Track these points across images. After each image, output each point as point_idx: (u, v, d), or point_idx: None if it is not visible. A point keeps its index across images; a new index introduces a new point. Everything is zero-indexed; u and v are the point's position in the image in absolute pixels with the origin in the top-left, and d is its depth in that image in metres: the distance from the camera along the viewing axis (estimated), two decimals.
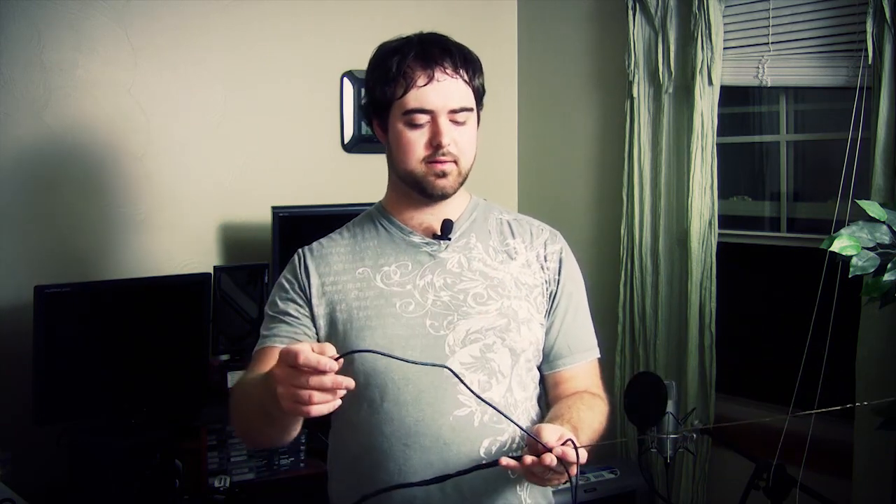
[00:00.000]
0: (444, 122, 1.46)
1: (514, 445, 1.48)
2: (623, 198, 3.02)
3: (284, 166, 3.10)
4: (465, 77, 1.49)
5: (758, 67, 2.72)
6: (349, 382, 1.14)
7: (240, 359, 2.77)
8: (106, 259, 2.78)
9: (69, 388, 2.38)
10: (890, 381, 2.32)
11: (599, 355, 1.64)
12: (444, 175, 1.48)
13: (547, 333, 1.58)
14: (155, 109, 2.85)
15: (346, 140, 3.24)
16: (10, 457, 2.32)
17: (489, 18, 3.55)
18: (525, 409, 1.53)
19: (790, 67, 2.66)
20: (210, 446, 2.63)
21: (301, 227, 2.79)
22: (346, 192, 3.10)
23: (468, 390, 1.43)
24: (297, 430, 1.42)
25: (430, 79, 1.45)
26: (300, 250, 1.60)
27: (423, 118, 1.46)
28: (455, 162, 1.48)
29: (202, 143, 2.95)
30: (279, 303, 1.55)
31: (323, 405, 1.14)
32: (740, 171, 3.07)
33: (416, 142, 1.47)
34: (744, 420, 2.83)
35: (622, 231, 3.04)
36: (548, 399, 1.60)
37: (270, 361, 1.43)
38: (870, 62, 2.37)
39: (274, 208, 2.83)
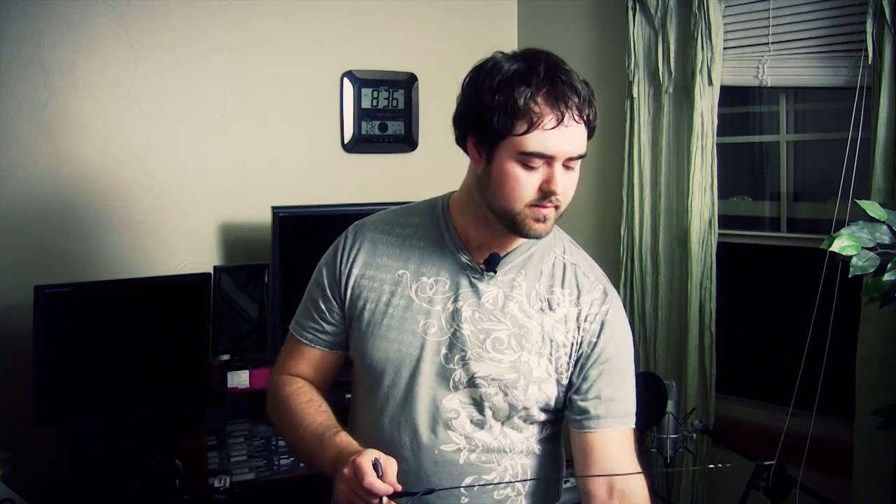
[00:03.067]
0: (559, 168, 1.36)
1: (502, 483, 1.47)
2: (623, 198, 3.02)
3: (284, 166, 3.10)
4: (588, 120, 1.39)
5: (758, 67, 2.72)
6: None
7: (240, 359, 2.77)
8: (106, 259, 2.78)
9: (69, 388, 2.38)
10: (890, 381, 2.32)
11: (634, 425, 1.52)
12: (544, 220, 1.39)
13: (576, 394, 1.49)
14: (155, 109, 2.85)
15: (346, 140, 3.24)
16: (10, 457, 2.32)
17: (489, 18, 3.55)
18: (526, 447, 1.51)
19: (790, 67, 2.66)
20: (210, 446, 2.63)
21: (301, 227, 2.79)
22: (346, 192, 3.10)
23: (459, 427, 1.45)
24: None
25: (559, 122, 1.34)
26: (349, 231, 1.56)
27: (539, 161, 1.36)
28: (557, 207, 1.40)
29: (202, 143, 2.95)
30: (315, 288, 1.56)
31: None
32: (740, 171, 3.07)
33: (527, 184, 1.36)
34: (744, 420, 2.85)
35: (622, 231, 3.04)
36: (576, 462, 1.50)
37: (302, 360, 1.57)
38: (870, 62, 2.37)
39: (274, 208, 2.83)
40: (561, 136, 1.34)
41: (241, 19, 3.00)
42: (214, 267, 2.79)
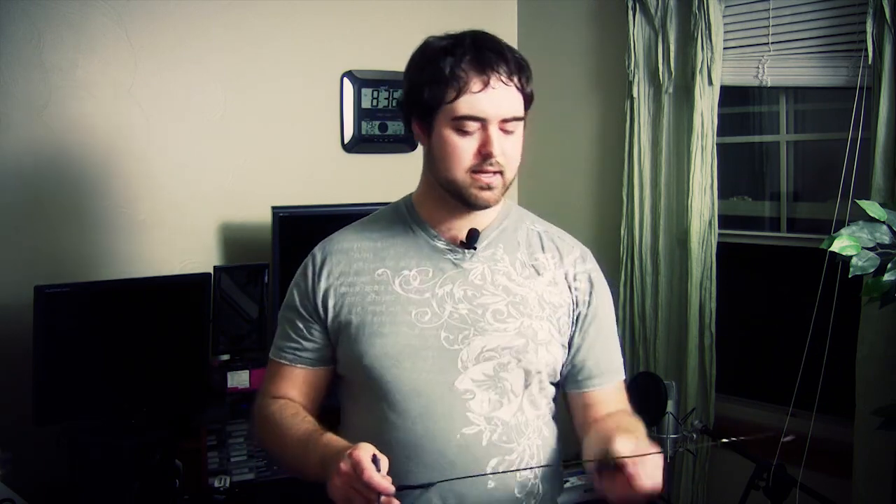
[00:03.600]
0: (494, 130, 1.40)
1: (523, 464, 1.46)
2: (623, 198, 3.02)
3: (284, 166, 3.10)
4: (519, 84, 1.43)
5: (758, 67, 2.72)
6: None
7: (240, 359, 2.77)
8: (106, 259, 2.78)
9: (69, 388, 2.38)
10: (890, 381, 2.32)
11: (625, 376, 1.60)
12: (489, 188, 1.42)
13: (576, 354, 1.54)
14: (155, 109, 2.85)
15: (346, 140, 3.24)
16: (10, 457, 2.32)
17: (489, 18, 3.55)
18: (536, 426, 1.50)
19: (790, 67, 2.66)
20: (210, 446, 2.63)
21: (301, 227, 2.79)
22: (346, 192, 3.10)
23: (477, 408, 1.43)
24: None
25: (486, 85, 1.39)
26: (316, 250, 1.56)
27: (473, 125, 1.40)
28: (501, 173, 1.43)
29: (202, 143, 2.95)
30: (288, 311, 1.56)
31: None
32: (740, 171, 3.07)
33: (464, 150, 1.41)
34: (744, 420, 2.85)
35: (622, 231, 3.04)
36: (575, 419, 1.57)
37: (285, 381, 1.54)
38: (870, 62, 2.37)
39: (274, 208, 2.83)
40: (489, 98, 1.39)
41: (241, 19, 3.00)
42: (214, 267, 2.79)
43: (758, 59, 2.72)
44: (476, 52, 1.40)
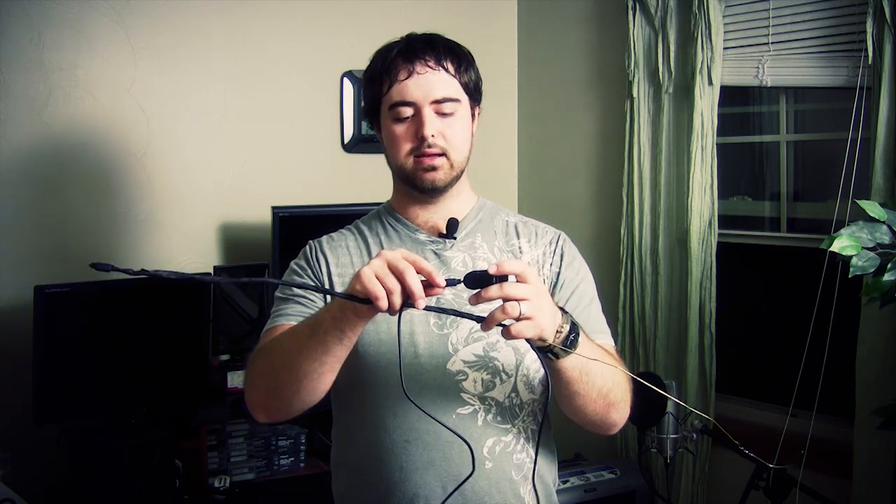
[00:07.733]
0: (428, 113, 1.46)
1: (519, 446, 1.48)
2: (623, 198, 3.03)
3: (284, 166, 3.10)
4: (450, 69, 1.49)
5: (758, 67, 2.72)
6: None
7: (240, 359, 2.77)
8: (106, 259, 2.76)
9: (69, 388, 2.38)
10: (890, 381, 2.32)
11: (614, 344, 1.60)
12: (433, 169, 1.48)
13: None
14: (155, 109, 2.85)
15: (346, 140, 3.24)
16: (10, 457, 2.32)
17: (489, 18, 3.55)
18: (531, 411, 1.51)
19: (790, 67, 2.66)
20: (210, 446, 2.64)
21: (301, 227, 2.78)
22: (346, 192, 3.10)
23: (471, 388, 1.45)
24: (331, 376, 1.35)
25: (411, 73, 1.46)
26: (312, 241, 1.60)
27: (407, 111, 1.47)
28: (445, 155, 1.48)
29: (202, 143, 2.95)
30: (290, 279, 1.56)
31: (394, 296, 1.19)
32: (740, 171, 3.07)
33: (402, 135, 1.48)
34: (744, 420, 2.85)
35: (622, 231, 3.04)
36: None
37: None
38: (870, 62, 2.37)
39: (274, 208, 2.83)
40: (416, 83, 1.47)
41: (241, 19, 3.00)
42: (214, 267, 2.80)
43: (758, 59, 2.72)
44: (405, 46, 1.50)
